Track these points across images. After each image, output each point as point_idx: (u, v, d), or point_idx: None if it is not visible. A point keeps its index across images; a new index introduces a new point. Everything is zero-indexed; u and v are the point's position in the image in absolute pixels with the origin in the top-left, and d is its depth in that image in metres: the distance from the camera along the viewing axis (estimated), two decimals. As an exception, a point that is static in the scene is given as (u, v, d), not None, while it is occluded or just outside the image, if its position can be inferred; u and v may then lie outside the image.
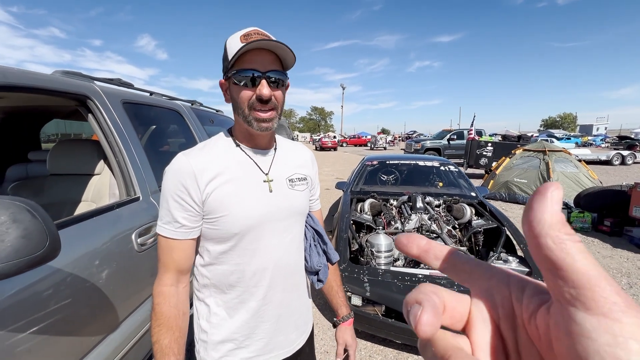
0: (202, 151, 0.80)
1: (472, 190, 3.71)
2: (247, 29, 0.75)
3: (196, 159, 0.77)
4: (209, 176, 0.76)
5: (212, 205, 0.76)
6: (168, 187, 0.76)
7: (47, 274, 0.97)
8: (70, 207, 1.62)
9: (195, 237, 0.79)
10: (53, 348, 0.97)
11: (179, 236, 0.76)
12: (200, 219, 0.78)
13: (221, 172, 0.77)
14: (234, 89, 0.76)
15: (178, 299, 0.77)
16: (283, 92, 0.80)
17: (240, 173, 0.80)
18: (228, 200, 0.77)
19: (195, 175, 0.75)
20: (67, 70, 1.47)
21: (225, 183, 0.77)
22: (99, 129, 1.44)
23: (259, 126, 0.77)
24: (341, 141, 34.83)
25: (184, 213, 0.75)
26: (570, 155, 6.97)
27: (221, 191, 0.76)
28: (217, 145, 0.83)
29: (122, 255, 1.30)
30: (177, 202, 0.75)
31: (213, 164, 0.78)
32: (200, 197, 0.75)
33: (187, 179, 0.75)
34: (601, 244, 4.44)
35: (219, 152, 0.81)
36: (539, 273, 2.20)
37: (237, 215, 0.77)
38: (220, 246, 0.79)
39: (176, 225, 0.75)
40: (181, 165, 0.76)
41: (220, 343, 0.82)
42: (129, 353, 1.30)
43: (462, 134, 13.65)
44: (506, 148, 8.98)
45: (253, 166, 0.83)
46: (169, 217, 0.76)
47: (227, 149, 0.82)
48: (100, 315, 1.18)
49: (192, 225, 0.77)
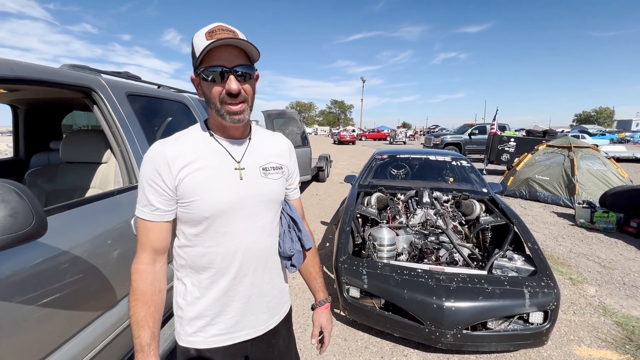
0: (177, 140, 0.86)
1: (484, 186, 3.61)
2: (212, 25, 0.79)
3: (170, 147, 0.83)
4: (181, 163, 0.81)
5: (185, 191, 0.82)
6: (144, 173, 0.82)
7: (43, 254, 1.06)
8: (81, 192, 1.73)
9: (170, 220, 0.85)
10: (51, 321, 1.06)
11: (154, 218, 0.82)
12: (174, 203, 0.83)
13: (194, 160, 0.83)
14: (205, 85, 0.81)
15: (154, 276, 0.84)
16: (252, 85, 0.84)
17: (212, 161, 0.85)
18: (200, 186, 0.82)
19: (168, 162, 0.81)
20: (74, 64, 1.56)
21: (198, 170, 0.82)
22: (103, 120, 1.53)
23: (232, 119, 0.82)
24: (360, 135, 34.43)
25: (158, 197, 0.81)
26: (599, 152, 6.59)
27: (193, 177, 0.82)
28: (192, 135, 0.88)
29: (121, 238, 1.39)
30: (152, 186, 0.81)
31: (187, 152, 0.83)
32: (173, 182, 0.81)
33: (161, 165, 0.81)
34: (625, 245, 4.20)
35: (193, 141, 0.86)
36: (544, 272, 2.14)
37: (208, 201, 0.82)
38: (194, 229, 0.85)
39: (151, 208, 0.82)
40: (156, 152, 0.82)
41: (194, 319, 0.88)
42: (127, 329, 1.39)
43: (485, 129, 13.15)
44: (530, 144, 8.60)
45: (225, 155, 0.87)
46: (145, 200, 0.82)
47: (202, 139, 0.88)
48: (99, 292, 1.27)
49: (166, 209, 0.83)
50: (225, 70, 0.77)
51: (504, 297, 2.00)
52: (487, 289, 2.04)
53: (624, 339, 2.36)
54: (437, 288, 2.06)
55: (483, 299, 2.00)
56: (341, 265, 2.35)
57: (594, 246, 4.20)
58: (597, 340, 2.36)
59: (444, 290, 2.04)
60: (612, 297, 2.95)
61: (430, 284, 2.10)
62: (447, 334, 1.94)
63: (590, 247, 4.18)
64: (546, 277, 2.11)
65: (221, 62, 0.77)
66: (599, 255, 3.89)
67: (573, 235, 4.61)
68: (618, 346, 2.29)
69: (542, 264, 2.25)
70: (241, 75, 0.79)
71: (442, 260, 2.63)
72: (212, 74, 0.78)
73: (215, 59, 0.77)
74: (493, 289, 2.04)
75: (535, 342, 2.01)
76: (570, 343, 2.33)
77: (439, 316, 1.96)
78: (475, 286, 2.06)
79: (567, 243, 4.30)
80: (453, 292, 2.03)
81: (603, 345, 2.30)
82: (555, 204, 6.17)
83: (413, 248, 2.73)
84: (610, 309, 2.76)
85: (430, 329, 1.97)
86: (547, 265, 2.23)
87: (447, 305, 1.97)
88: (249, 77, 0.81)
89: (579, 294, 3.01)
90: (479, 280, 2.11)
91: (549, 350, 2.25)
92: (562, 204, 6.05)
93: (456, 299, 2.00)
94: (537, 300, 1.99)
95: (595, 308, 2.78)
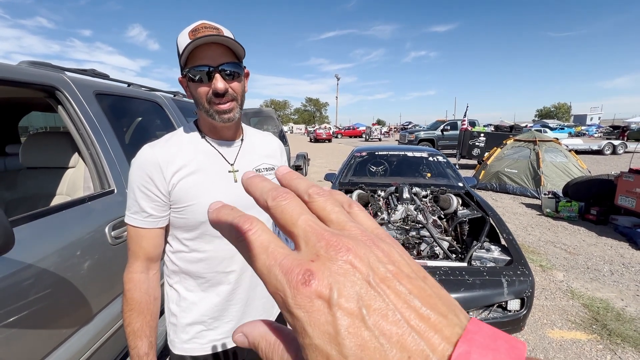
0: (168, 143, 0.82)
1: (460, 181, 3.73)
2: (196, 23, 0.75)
3: (162, 151, 0.79)
4: (174, 167, 0.78)
5: (178, 195, 0.78)
6: (134, 178, 0.78)
7: (6, 269, 0.96)
8: (45, 200, 1.60)
9: (164, 226, 0.82)
10: (20, 341, 0.97)
11: (148, 225, 0.79)
12: (167, 208, 0.80)
13: (187, 164, 0.80)
14: (192, 86, 0.78)
15: (149, 285, 0.80)
16: (240, 82, 0.81)
17: (205, 164, 0.82)
18: (194, 191, 0.79)
19: (161, 167, 0.77)
20: (34, 60, 1.43)
21: (191, 174, 0.79)
22: (69, 121, 1.42)
23: (221, 118, 0.79)
24: (336, 132, 34.64)
25: (151, 203, 0.78)
26: (560, 145, 7.02)
27: (187, 182, 0.79)
28: (183, 137, 0.84)
29: (95, 248, 1.30)
30: (144, 192, 0.77)
31: (179, 155, 0.80)
32: (167, 187, 0.78)
33: (152, 170, 0.77)
34: (587, 232, 4.51)
35: (184, 144, 0.82)
36: (519, 261, 2.23)
37: (203, 205, 0.79)
38: (188, 234, 0.82)
39: (144, 214, 0.78)
40: (147, 156, 0.78)
41: (189, 325, 0.85)
42: (105, 344, 1.30)
43: (456, 125, 13.65)
44: (499, 138, 9.01)
45: (218, 157, 0.84)
46: (136, 207, 0.78)
47: (193, 141, 0.84)
48: (71, 307, 1.18)
49: (160, 215, 0.79)
50: (211, 69, 0.74)
51: (484, 287, 2.07)
52: (468, 280, 2.10)
53: (591, 320, 2.53)
54: (421, 282, 2.10)
55: (465, 290, 2.06)
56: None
57: (559, 234, 4.47)
58: (568, 322, 2.51)
59: (428, 284, 2.08)
60: (578, 281, 3.16)
61: (414, 278, 2.14)
62: (432, 326, 1.98)
63: (556, 235, 4.45)
64: (521, 266, 2.21)
65: (206, 61, 0.74)
66: (565, 242, 4.15)
67: (541, 225, 4.88)
68: (586, 327, 2.45)
69: (517, 253, 2.35)
70: (228, 74, 0.76)
71: (423, 254, 2.69)
72: (198, 73, 0.75)
73: (199, 58, 0.74)
74: (473, 280, 2.11)
75: (513, 329, 2.11)
76: (544, 327, 2.47)
77: (424, 309, 2.00)
78: (457, 278, 2.12)
79: (536, 232, 4.55)
80: (436, 285, 2.07)
81: (573, 327, 2.45)
82: (523, 195, 6.51)
83: (395, 243, 2.77)
84: (577, 292, 2.95)
85: (415, 323, 2.01)
86: (522, 255, 2.34)
87: (431, 299, 2.01)
88: (237, 75, 0.78)
89: (549, 280, 3.19)
90: (460, 272, 2.18)
91: (526, 335, 2.37)
92: (530, 195, 6.39)
93: (439, 291, 2.04)
94: (514, 288, 2.07)
95: (564, 292, 2.95)
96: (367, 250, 0.15)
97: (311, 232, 0.16)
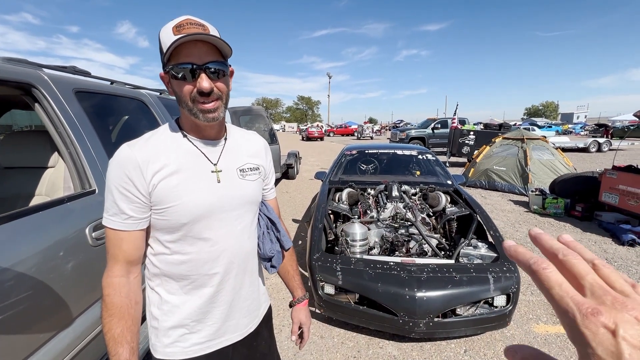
0: (147, 142, 0.79)
1: (448, 179, 3.77)
2: (180, 18, 0.72)
3: (141, 151, 0.76)
4: (154, 168, 0.75)
5: (159, 197, 0.76)
6: (112, 178, 0.75)
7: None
8: (24, 201, 1.56)
9: (144, 228, 0.78)
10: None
11: (128, 227, 0.76)
12: (148, 210, 0.77)
13: (168, 164, 0.77)
14: (175, 83, 0.75)
15: (129, 289, 0.77)
16: (226, 82, 0.79)
17: (187, 164, 0.79)
18: (175, 192, 0.76)
19: (140, 167, 0.74)
20: (10, 57, 1.38)
21: (172, 174, 0.77)
22: (47, 120, 1.37)
23: (205, 117, 0.76)
24: (328, 131, 34.57)
25: (130, 205, 0.75)
26: (547, 143, 7.14)
27: (168, 182, 0.76)
28: (164, 136, 0.81)
29: (75, 249, 1.26)
30: (123, 193, 0.74)
31: (159, 155, 0.77)
32: (147, 188, 0.75)
33: (131, 170, 0.74)
34: (572, 228, 4.61)
35: (165, 143, 0.80)
36: (506, 258, 2.26)
37: (185, 206, 0.77)
38: (170, 236, 0.79)
39: (123, 216, 0.75)
40: (125, 156, 0.75)
41: (171, 329, 0.83)
42: (86, 349, 1.27)
43: (447, 123, 13.76)
44: (488, 136, 9.13)
45: (201, 157, 0.82)
46: (115, 209, 0.75)
47: (175, 140, 0.81)
48: (50, 311, 1.14)
49: (140, 217, 0.76)
50: (196, 67, 0.72)
51: (471, 284, 2.10)
52: (456, 277, 2.13)
53: (575, 314, 2.58)
54: (409, 280, 2.12)
55: (452, 287, 2.08)
56: (315, 263, 2.33)
57: (546, 230, 4.55)
58: (552, 317, 2.56)
59: (416, 281, 2.10)
60: (563, 276, 3.22)
61: (403, 275, 2.15)
62: (420, 323, 2.00)
63: (543, 231, 4.52)
64: (507, 263, 2.24)
65: (191, 58, 0.71)
66: (551, 238, 4.22)
67: (528, 221, 4.97)
68: (570, 321, 2.50)
69: (503, 251, 2.38)
70: (214, 73, 0.74)
71: (412, 252, 2.70)
72: (182, 71, 0.72)
73: (184, 56, 0.71)
74: (461, 277, 2.13)
75: (499, 324, 2.14)
76: (529, 322, 2.51)
77: (412, 307, 2.01)
78: (444, 275, 2.14)
79: (523, 229, 4.63)
80: (424, 283, 2.09)
81: (557, 322, 2.50)
82: (511, 193, 6.61)
83: (384, 242, 2.78)
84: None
85: (404, 320, 2.02)
86: (508, 251, 2.37)
87: (419, 296, 2.03)
88: (223, 74, 0.76)
89: (535, 276, 3.24)
90: (447, 269, 2.20)
91: (512, 330, 2.40)
92: (518, 192, 6.49)
93: (427, 288, 2.06)
94: (500, 284, 2.10)
95: (550, 287, 3.01)
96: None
97: (597, 287, 0.22)
